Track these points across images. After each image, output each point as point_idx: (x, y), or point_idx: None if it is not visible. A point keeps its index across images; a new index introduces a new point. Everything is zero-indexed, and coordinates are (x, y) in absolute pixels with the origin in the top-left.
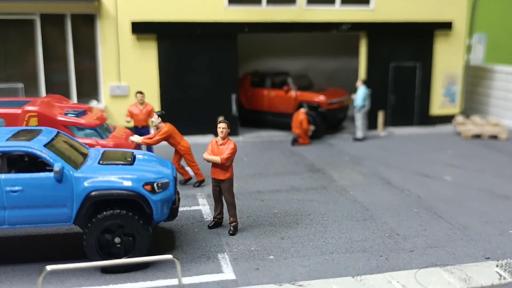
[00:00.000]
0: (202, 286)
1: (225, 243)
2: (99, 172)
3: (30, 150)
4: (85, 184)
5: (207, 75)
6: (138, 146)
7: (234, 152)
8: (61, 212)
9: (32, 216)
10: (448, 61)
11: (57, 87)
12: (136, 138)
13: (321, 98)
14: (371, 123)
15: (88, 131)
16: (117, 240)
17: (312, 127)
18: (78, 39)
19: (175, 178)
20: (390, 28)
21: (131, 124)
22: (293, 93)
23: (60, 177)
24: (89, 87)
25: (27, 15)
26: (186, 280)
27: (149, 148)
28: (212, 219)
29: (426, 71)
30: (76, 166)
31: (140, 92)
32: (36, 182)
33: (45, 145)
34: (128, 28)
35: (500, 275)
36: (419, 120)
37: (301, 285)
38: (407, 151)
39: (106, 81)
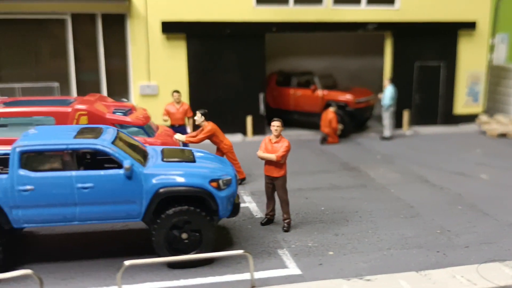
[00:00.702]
0: (271, 281)
1: (281, 239)
2: (166, 169)
3: (99, 147)
4: (154, 181)
5: (235, 74)
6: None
7: (288, 149)
8: (130, 208)
9: (102, 213)
10: (471, 60)
11: (87, 86)
12: (180, 137)
13: (348, 97)
14: (397, 122)
15: (134, 129)
16: (184, 236)
17: (340, 126)
18: (108, 39)
19: (236, 175)
20: (415, 28)
21: (168, 122)
22: (319, 92)
23: (130, 174)
24: (119, 87)
25: (58, 15)
26: (256, 274)
27: (185, 146)
28: (264, 216)
29: (450, 71)
30: (142, 163)
31: (177, 91)
32: (107, 179)
33: (112, 142)
34: (158, 28)
35: None
36: (443, 119)
37: (368, 280)
38: (435, 150)
39: (136, 81)
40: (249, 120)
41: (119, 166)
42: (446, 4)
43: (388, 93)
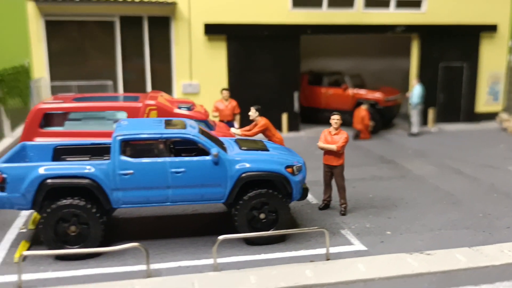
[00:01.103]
0: (342, 255)
1: (341, 222)
2: (246, 157)
3: (190, 136)
4: (237, 166)
5: (271, 73)
6: None
7: (347, 140)
8: (216, 191)
9: (191, 195)
10: (492, 61)
11: (133, 84)
12: (236, 130)
13: (378, 95)
14: (422, 120)
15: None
16: (262, 216)
17: (372, 123)
18: (153, 40)
19: (305, 163)
20: (440, 30)
21: (217, 118)
22: (350, 91)
23: (217, 160)
24: (163, 85)
25: (107, 17)
26: (323, 251)
27: None
28: (321, 201)
29: (472, 71)
30: (225, 151)
31: (226, 89)
32: (197, 164)
33: (198, 132)
34: (200, 29)
35: None
36: (465, 117)
37: (428, 254)
38: (462, 145)
39: (179, 79)
40: (284, 117)
41: (204, 153)
42: (469, 8)
43: (416, 92)
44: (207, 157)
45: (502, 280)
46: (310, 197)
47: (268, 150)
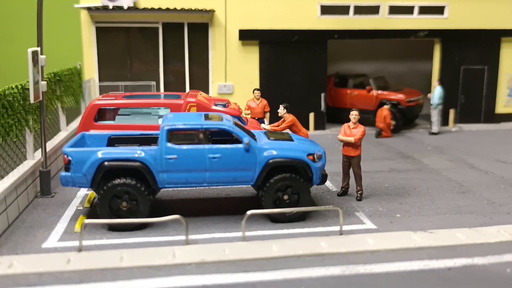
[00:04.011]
0: (354, 231)
1: (356, 206)
2: (273, 145)
3: (226, 127)
4: (265, 154)
5: (300, 75)
6: None
7: (364, 134)
8: (246, 174)
9: (225, 177)
10: None
11: (174, 85)
12: (265, 126)
13: (400, 96)
14: (443, 120)
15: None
16: (285, 197)
17: (393, 122)
18: (193, 44)
19: (325, 152)
20: (462, 35)
21: (249, 116)
22: (374, 92)
23: (248, 148)
24: (200, 86)
25: (151, 24)
26: (338, 228)
27: None
28: (340, 188)
29: (493, 74)
30: (256, 140)
31: (258, 89)
32: (230, 151)
33: (233, 124)
34: (235, 35)
35: None
36: (485, 117)
37: (431, 232)
38: (481, 143)
39: (214, 81)
40: (311, 116)
41: (237, 142)
42: (490, 13)
43: (437, 93)
44: (240, 145)
45: (494, 254)
46: (330, 185)
47: (292, 141)
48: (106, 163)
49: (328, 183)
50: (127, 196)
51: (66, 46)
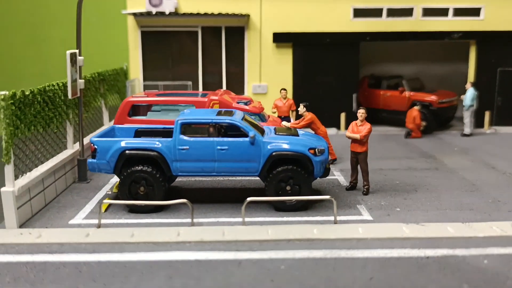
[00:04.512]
0: (349, 222)
1: (360, 199)
2: (277, 139)
3: (234, 122)
4: (269, 147)
5: (332, 77)
6: None
7: (370, 131)
8: (252, 166)
9: (232, 168)
10: None
11: (211, 85)
12: (286, 123)
13: (432, 97)
14: (479, 122)
15: (253, 116)
16: (288, 188)
17: (423, 123)
18: (229, 47)
19: (328, 147)
20: (499, 37)
21: (275, 114)
22: (406, 93)
23: (253, 141)
24: (236, 86)
25: (192, 28)
26: (339, 218)
27: None
28: (349, 183)
29: None
30: (261, 134)
31: (284, 89)
32: (237, 144)
33: (241, 120)
34: (269, 38)
35: None
36: None
37: (423, 225)
38: (510, 145)
39: (250, 81)
40: (342, 116)
41: (245, 135)
42: None
43: (469, 94)
44: (246, 138)
45: (477, 247)
46: (343, 180)
47: (298, 136)
48: (127, 152)
49: (340, 179)
50: (144, 182)
51: (115, 49)
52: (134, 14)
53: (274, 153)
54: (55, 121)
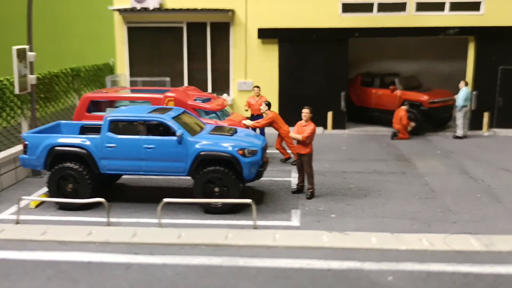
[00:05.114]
0: (272, 227)
1: (300, 204)
2: (208, 139)
3: (162, 120)
4: (197, 146)
5: (320, 74)
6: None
7: (313, 132)
8: (179, 165)
9: (159, 167)
10: None
11: (197, 82)
12: (247, 122)
13: (424, 97)
14: (477, 124)
15: (211, 114)
16: (216, 189)
17: (412, 124)
18: (215, 43)
19: (263, 149)
20: (500, 32)
21: (249, 113)
22: (398, 92)
23: (181, 140)
24: (222, 83)
25: (176, 23)
26: (262, 222)
27: (262, 131)
28: (295, 185)
29: None
30: (192, 134)
31: (257, 87)
32: (164, 142)
33: (172, 118)
34: (255, 34)
35: None
36: None
37: (346, 234)
38: (502, 149)
39: (235, 78)
40: (329, 115)
41: (175, 134)
42: None
43: (462, 94)
44: (173, 137)
45: (391, 261)
46: (296, 183)
47: (231, 136)
48: (55, 148)
49: (293, 181)
50: (72, 179)
51: (102, 44)
52: (119, 10)
53: (202, 153)
54: (4, 115)
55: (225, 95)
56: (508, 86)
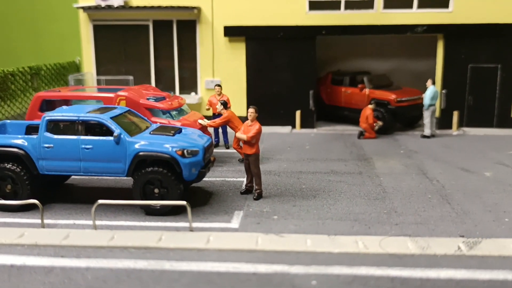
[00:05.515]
0: (208, 229)
1: (245, 205)
2: (147, 139)
3: (99, 120)
4: (136, 146)
5: (287, 72)
6: (206, 128)
7: (258, 132)
8: (117, 166)
9: (98, 168)
10: None
11: (164, 81)
12: (203, 122)
13: (391, 96)
14: (447, 123)
15: (165, 113)
16: (156, 190)
17: (379, 123)
18: (181, 41)
19: (206, 149)
20: (470, 30)
21: (210, 112)
22: (366, 90)
23: (118, 140)
24: (189, 82)
25: (142, 21)
26: (200, 224)
27: (224, 131)
28: (244, 186)
29: (508, 73)
30: (132, 134)
31: (219, 85)
32: (102, 143)
33: (111, 118)
34: (221, 32)
35: (459, 247)
36: (499, 121)
37: (282, 236)
38: (468, 149)
39: (202, 77)
40: (298, 114)
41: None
42: (503, 6)
43: (429, 93)
44: (111, 138)
45: (320, 265)
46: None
47: (173, 136)
48: None
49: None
50: (11, 180)
51: (68, 43)
52: (84, 8)
53: (140, 153)
54: None
55: (192, 94)
56: (478, 84)
